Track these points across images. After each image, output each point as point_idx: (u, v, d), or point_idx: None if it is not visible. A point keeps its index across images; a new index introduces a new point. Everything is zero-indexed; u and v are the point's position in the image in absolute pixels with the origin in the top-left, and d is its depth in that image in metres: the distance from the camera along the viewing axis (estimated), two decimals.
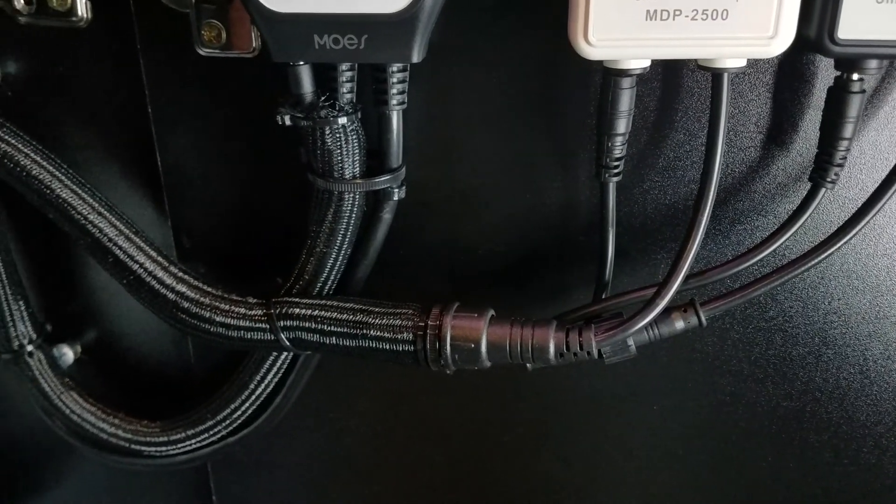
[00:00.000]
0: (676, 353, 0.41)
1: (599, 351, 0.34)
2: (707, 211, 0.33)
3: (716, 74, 0.32)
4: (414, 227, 0.40)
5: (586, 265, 0.39)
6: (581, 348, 0.34)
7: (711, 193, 0.33)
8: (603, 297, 0.37)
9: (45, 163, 0.36)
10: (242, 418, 0.43)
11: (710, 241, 0.38)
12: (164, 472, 0.49)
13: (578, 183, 0.38)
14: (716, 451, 0.43)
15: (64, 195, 0.36)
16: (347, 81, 0.35)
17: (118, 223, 0.37)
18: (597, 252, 0.37)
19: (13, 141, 0.36)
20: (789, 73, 0.35)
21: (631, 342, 0.34)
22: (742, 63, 0.32)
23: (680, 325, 0.35)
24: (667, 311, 0.34)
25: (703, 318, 0.35)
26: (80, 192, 0.37)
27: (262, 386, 0.42)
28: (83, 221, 0.37)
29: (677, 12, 0.30)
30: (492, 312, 0.36)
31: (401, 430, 0.46)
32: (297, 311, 0.37)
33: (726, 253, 0.39)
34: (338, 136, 0.35)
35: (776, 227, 0.36)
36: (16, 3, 0.37)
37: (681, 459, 0.44)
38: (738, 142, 0.37)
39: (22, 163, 0.36)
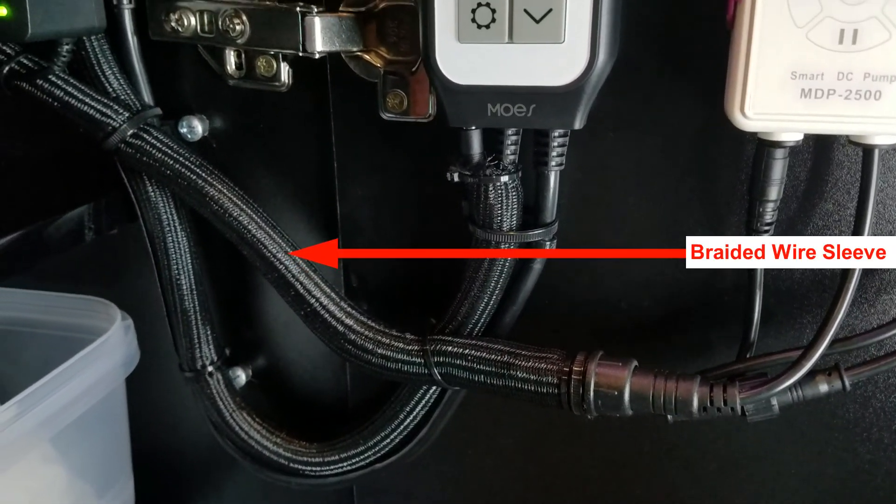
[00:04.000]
0: (816, 417, 0.42)
1: (743, 408, 0.36)
2: (855, 279, 0.34)
3: (866, 150, 0.34)
4: (562, 279, 0.43)
5: (730, 325, 0.40)
6: (725, 404, 0.35)
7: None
8: (747, 356, 0.38)
9: (244, 206, 0.42)
10: (390, 446, 0.46)
11: (855, 309, 0.39)
12: (315, 493, 0.53)
13: None
14: None
15: (258, 235, 0.41)
16: (512, 144, 0.38)
17: (300, 262, 0.42)
18: (741, 313, 0.38)
19: (219, 186, 0.42)
20: None
21: (774, 402, 0.36)
22: (893, 140, 0.33)
23: (824, 387, 0.36)
24: (811, 374, 0.35)
25: (847, 383, 0.35)
26: (271, 232, 0.42)
27: (411, 417, 0.45)
28: (272, 259, 0.41)
29: (831, 92, 0.32)
30: (635, 363, 0.38)
31: (537, 471, 0.48)
32: (449, 348, 0.40)
33: (871, 321, 0.39)
34: (500, 192, 0.38)
35: None
36: (228, 67, 0.43)
37: None
38: (887, 214, 0.38)
39: (225, 205, 0.41)
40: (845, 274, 0.34)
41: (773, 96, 0.32)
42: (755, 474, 0.44)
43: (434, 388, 0.44)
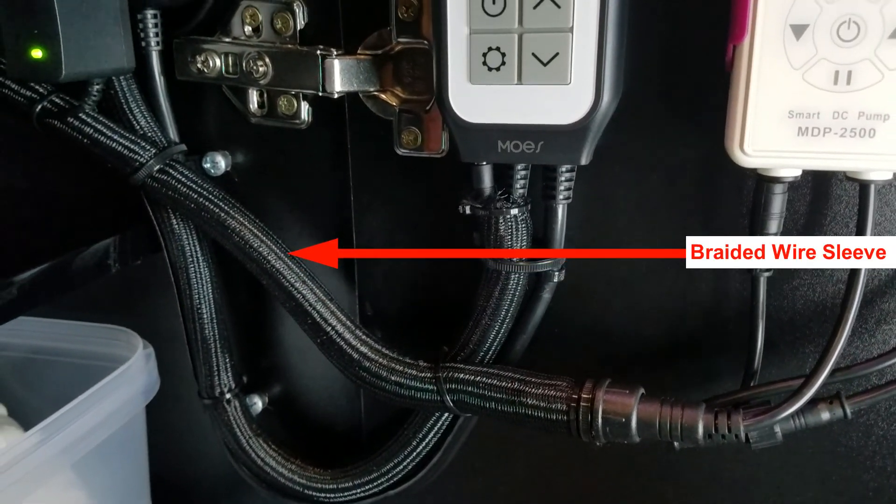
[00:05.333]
0: (820, 445, 0.42)
1: (747, 435, 0.36)
2: (854, 309, 0.35)
3: (863, 185, 0.35)
4: (570, 308, 0.44)
5: (734, 354, 0.41)
6: (729, 431, 0.36)
7: (858, 293, 0.35)
8: (751, 384, 0.39)
9: (263, 237, 0.43)
10: (403, 473, 0.47)
11: (856, 339, 0.40)
12: None
13: (729, 275, 0.41)
14: None
15: (277, 265, 0.43)
16: (521, 178, 0.40)
17: (317, 291, 0.43)
18: (745, 342, 0.39)
19: (240, 218, 0.43)
20: None
21: (778, 429, 0.36)
22: (888, 176, 0.34)
23: (826, 415, 0.37)
24: (813, 402, 0.36)
25: (848, 411, 0.36)
26: (289, 263, 0.43)
27: (423, 444, 0.46)
28: (290, 288, 0.43)
29: (827, 130, 0.33)
30: (642, 390, 0.39)
31: (548, 497, 0.49)
32: (461, 375, 0.41)
33: (872, 350, 0.40)
34: (509, 224, 0.40)
35: None
36: (250, 105, 0.45)
37: None
38: None
39: (246, 237, 0.43)
40: (844, 304, 0.35)
41: (771, 134, 0.33)
42: (760, 502, 0.45)
43: (446, 414, 0.45)
